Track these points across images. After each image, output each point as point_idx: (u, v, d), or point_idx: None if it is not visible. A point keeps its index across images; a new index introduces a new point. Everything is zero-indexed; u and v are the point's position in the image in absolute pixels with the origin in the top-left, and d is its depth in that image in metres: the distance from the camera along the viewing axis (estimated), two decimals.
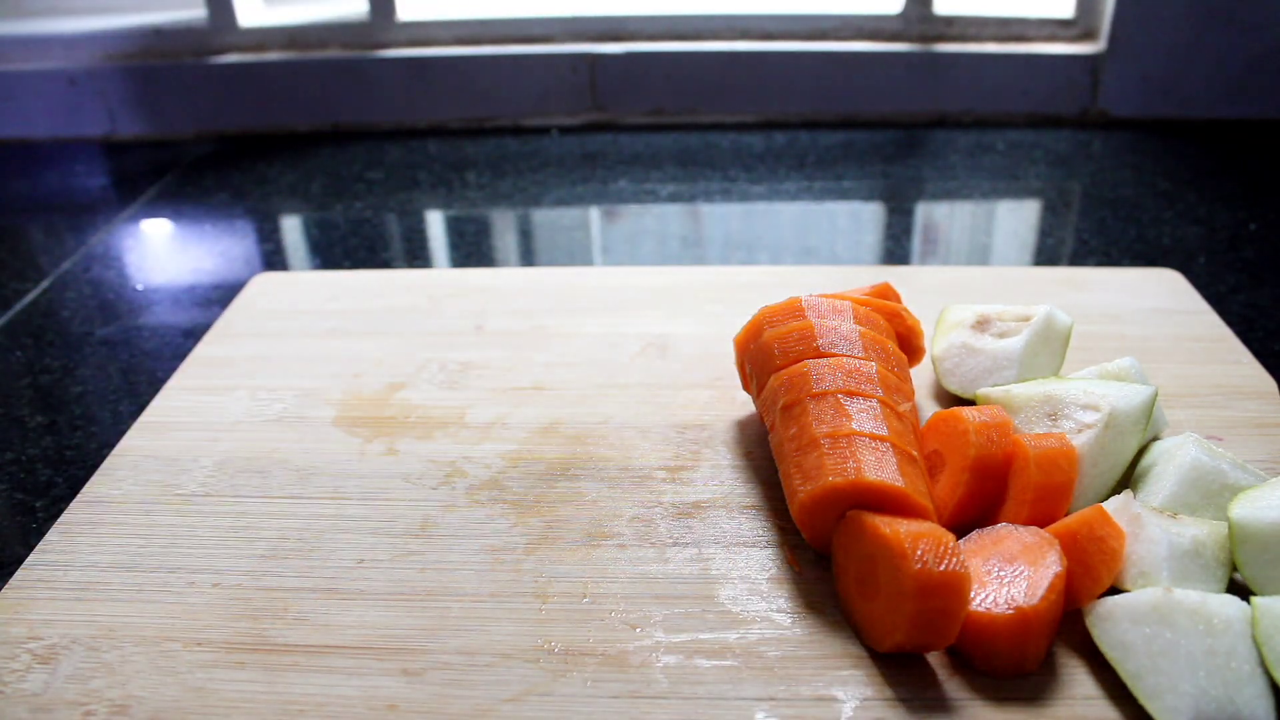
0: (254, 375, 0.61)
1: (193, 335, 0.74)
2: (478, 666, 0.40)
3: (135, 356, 0.74)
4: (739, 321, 0.53)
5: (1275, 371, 0.58)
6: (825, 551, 0.45)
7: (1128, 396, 0.48)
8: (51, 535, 0.48)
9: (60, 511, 0.50)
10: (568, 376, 0.60)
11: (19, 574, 0.46)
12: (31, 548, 0.47)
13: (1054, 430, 0.48)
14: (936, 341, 0.57)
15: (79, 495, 0.51)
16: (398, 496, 0.51)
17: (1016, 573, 0.41)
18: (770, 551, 0.46)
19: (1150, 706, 0.37)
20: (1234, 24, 1.13)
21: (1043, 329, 0.54)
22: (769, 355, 0.49)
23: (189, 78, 1.21)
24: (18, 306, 0.82)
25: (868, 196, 1.02)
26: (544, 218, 0.99)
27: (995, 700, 0.38)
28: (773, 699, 0.39)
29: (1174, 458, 0.46)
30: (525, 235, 0.98)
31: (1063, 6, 1.20)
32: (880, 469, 0.42)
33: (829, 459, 0.43)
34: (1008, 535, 0.43)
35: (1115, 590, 0.41)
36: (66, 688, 0.40)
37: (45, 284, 0.86)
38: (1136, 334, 0.62)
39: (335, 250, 0.91)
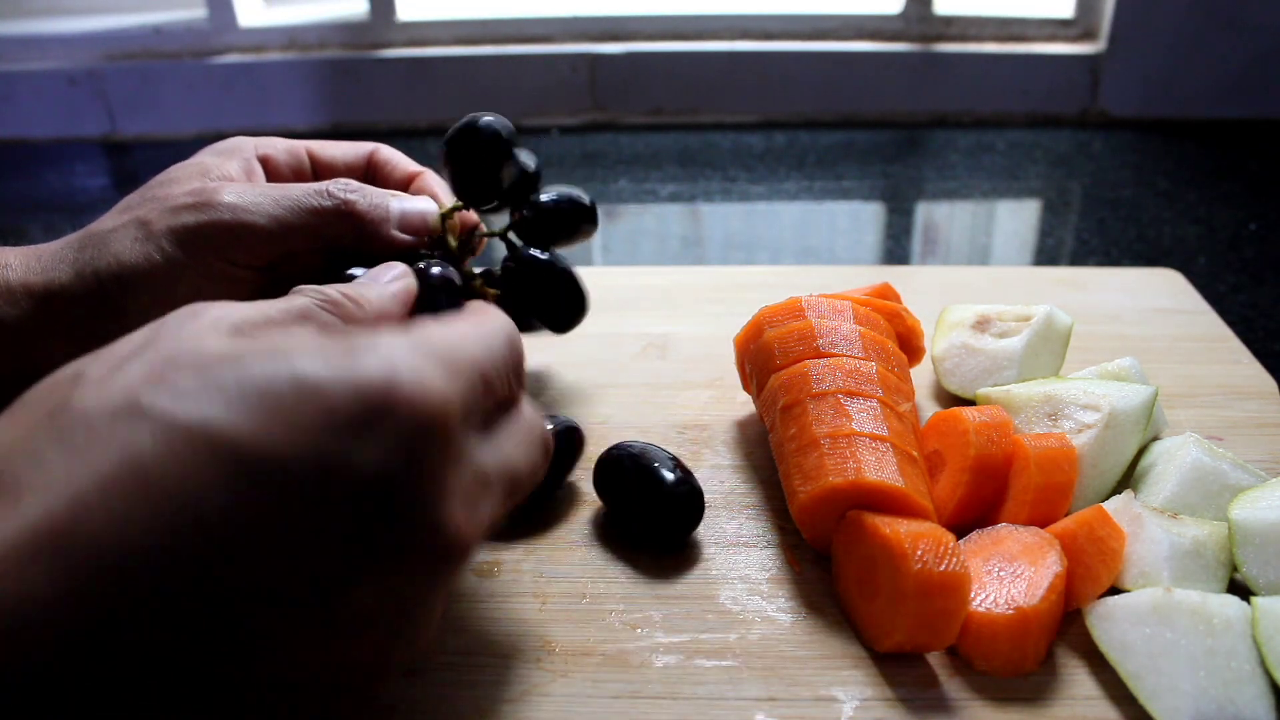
0: None
1: None
2: (478, 666, 0.40)
3: None
4: (739, 321, 0.53)
5: (1275, 371, 0.58)
6: (825, 551, 0.45)
7: (1128, 396, 0.48)
8: None
9: None
10: (568, 376, 0.60)
11: None
12: None
13: (1054, 430, 0.48)
14: (936, 341, 0.57)
15: None
16: None
17: (1016, 573, 0.41)
18: (770, 551, 0.46)
19: (1150, 706, 0.37)
20: (1234, 24, 1.13)
21: (1043, 329, 0.54)
22: (769, 355, 0.49)
23: (189, 78, 1.21)
24: None
25: (868, 196, 1.02)
26: None
27: (995, 700, 0.38)
28: (773, 699, 0.39)
29: (1174, 458, 0.46)
30: None
31: (1063, 6, 1.20)
32: (880, 469, 0.42)
33: (829, 459, 0.43)
34: (1008, 535, 0.43)
35: (1115, 590, 0.41)
36: None
37: None
38: (1136, 334, 0.62)
39: None
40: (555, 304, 0.53)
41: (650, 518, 0.46)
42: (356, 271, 0.45)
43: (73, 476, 0.24)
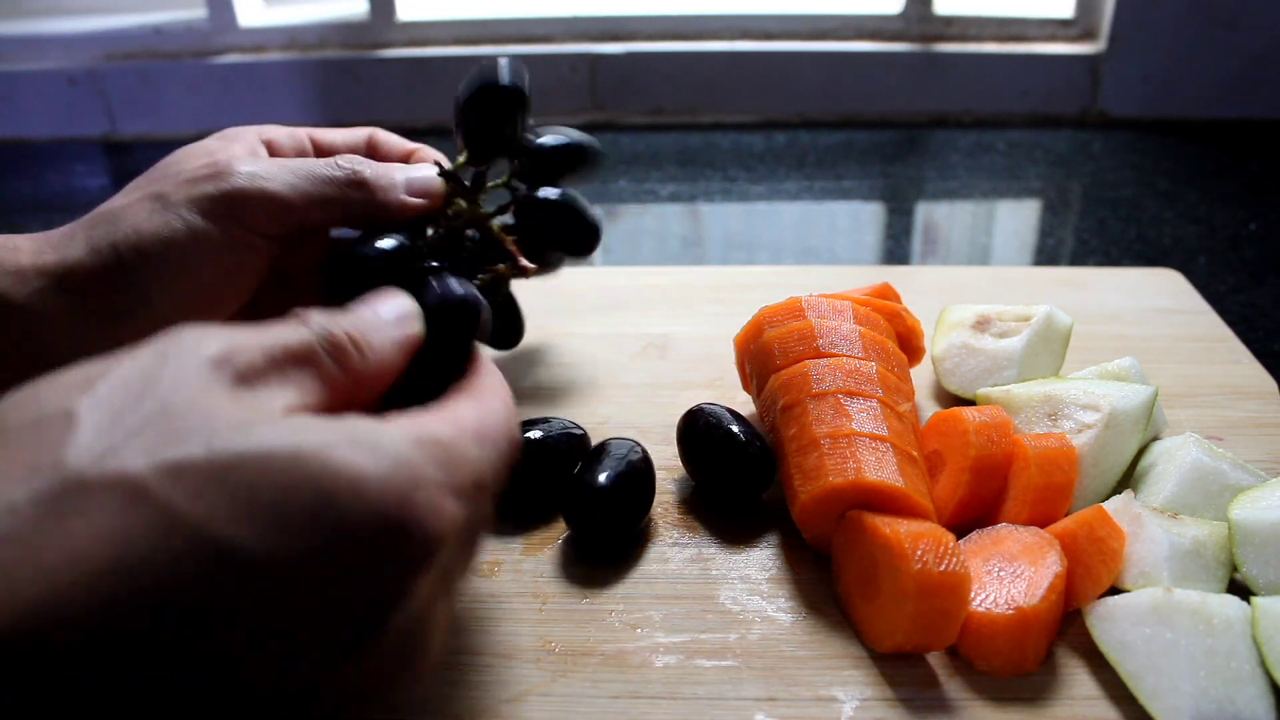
0: None
1: None
2: (478, 666, 0.40)
3: None
4: (739, 321, 0.53)
5: (1275, 371, 0.58)
6: (825, 551, 0.45)
7: (1128, 396, 0.48)
8: None
9: None
10: (568, 376, 0.60)
11: None
12: None
13: (1054, 430, 0.48)
14: (936, 341, 0.57)
15: None
16: None
17: (1016, 573, 0.41)
18: (770, 551, 0.46)
19: (1150, 706, 0.37)
20: (1234, 24, 1.13)
21: (1043, 329, 0.54)
22: (769, 355, 0.49)
23: (189, 78, 1.21)
24: None
25: (868, 196, 1.02)
26: None
27: (995, 700, 0.38)
28: (773, 699, 0.39)
29: (1174, 458, 0.46)
30: None
31: (1063, 6, 1.20)
32: (880, 469, 0.42)
33: (829, 459, 0.43)
34: (1008, 535, 0.43)
35: (1115, 590, 0.41)
36: None
37: None
38: (1136, 334, 0.62)
39: None
40: (565, 234, 0.54)
41: (731, 477, 0.48)
42: (343, 233, 0.47)
43: (54, 557, 0.23)
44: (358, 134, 0.54)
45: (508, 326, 0.58)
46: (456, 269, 0.49)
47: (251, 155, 0.48)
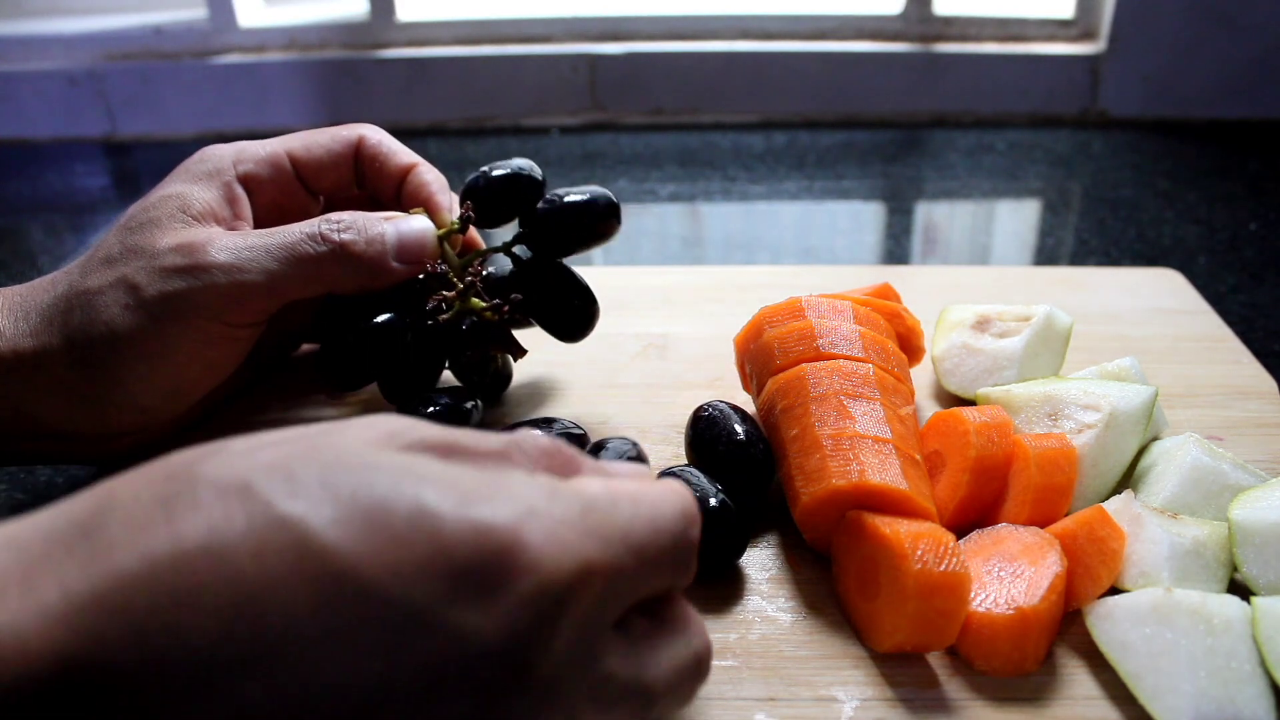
0: None
1: None
2: None
3: None
4: (739, 321, 0.53)
5: (1275, 371, 0.58)
6: (825, 552, 0.45)
7: (1128, 396, 0.48)
8: None
9: None
10: (568, 376, 0.60)
11: None
12: None
13: (1054, 430, 0.48)
14: (936, 341, 0.57)
15: None
16: None
17: (1016, 573, 0.41)
18: (770, 551, 0.46)
19: (1150, 706, 0.37)
20: (1234, 24, 1.13)
21: (1043, 329, 0.54)
22: (769, 355, 0.49)
23: (189, 78, 1.21)
24: None
25: (868, 196, 1.02)
26: None
27: (995, 700, 0.38)
28: (773, 699, 0.39)
29: (1174, 458, 0.46)
30: None
31: (1063, 6, 1.20)
32: (884, 471, 0.42)
33: (832, 461, 0.43)
34: (1008, 535, 0.43)
35: (1115, 590, 0.41)
36: None
37: None
38: (1136, 334, 0.62)
39: None
40: (559, 314, 0.52)
41: (733, 477, 0.46)
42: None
43: (154, 538, 0.23)
44: (346, 141, 0.49)
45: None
46: (451, 345, 0.49)
47: (228, 200, 0.46)
